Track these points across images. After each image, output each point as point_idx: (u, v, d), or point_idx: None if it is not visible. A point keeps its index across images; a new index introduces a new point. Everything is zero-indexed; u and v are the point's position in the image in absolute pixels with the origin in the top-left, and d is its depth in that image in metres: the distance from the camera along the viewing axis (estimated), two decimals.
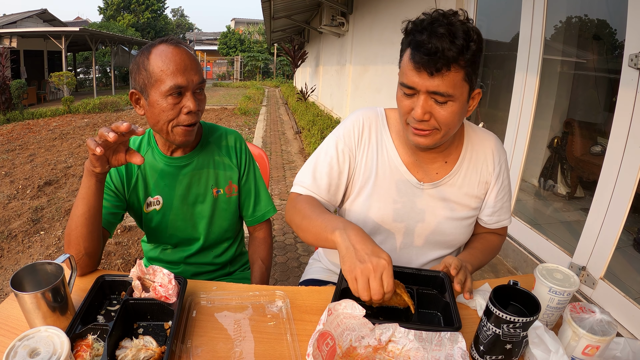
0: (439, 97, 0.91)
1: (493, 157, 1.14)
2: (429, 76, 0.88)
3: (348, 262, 0.80)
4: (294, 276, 2.71)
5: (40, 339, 0.64)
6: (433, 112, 0.94)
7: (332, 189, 1.12)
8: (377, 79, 6.05)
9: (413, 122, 0.97)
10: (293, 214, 1.07)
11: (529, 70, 2.74)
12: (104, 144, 0.86)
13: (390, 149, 1.11)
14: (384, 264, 0.77)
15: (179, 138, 1.10)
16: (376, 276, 0.77)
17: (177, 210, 1.24)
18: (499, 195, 1.16)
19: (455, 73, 0.88)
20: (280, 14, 10.79)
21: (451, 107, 0.92)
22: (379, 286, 0.77)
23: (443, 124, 0.95)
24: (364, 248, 0.80)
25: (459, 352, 0.77)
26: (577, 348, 0.76)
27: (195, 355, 0.78)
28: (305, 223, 0.99)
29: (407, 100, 0.96)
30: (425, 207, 1.12)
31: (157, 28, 33.76)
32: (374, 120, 1.14)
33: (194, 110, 1.07)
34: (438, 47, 0.85)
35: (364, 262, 0.78)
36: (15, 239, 3.22)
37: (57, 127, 8.70)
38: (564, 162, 3.42)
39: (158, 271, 0.88)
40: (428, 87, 0.90)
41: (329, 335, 0.73)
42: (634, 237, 2.62)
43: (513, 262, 2.79)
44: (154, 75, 1.03)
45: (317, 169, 1.13)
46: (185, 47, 1.08)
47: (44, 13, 18.17)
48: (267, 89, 20.46)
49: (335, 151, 1.12)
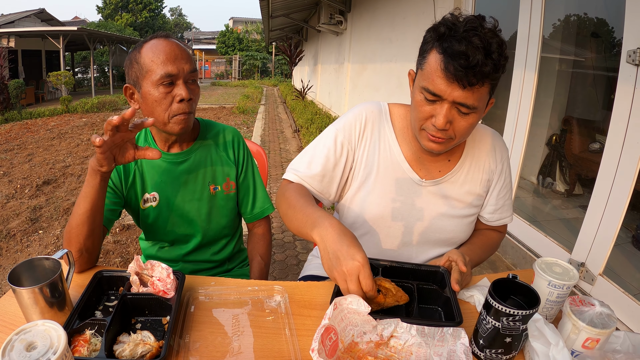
0: (464, 108, 0.88)
1: (495, 155, 1.14)
2: (460, 88, 0.85)
3: (326, 264, 0.79)
4: (293, 274, 2.71)
5: (37, 333, 0.64)
6: (453, 122, 0.92)
7: (326, 180, 1.10)
8: (375, 77, 6.05)
9: (431, 129, 0.94)
10: (281, 201, 1.05)
11: (527, 68, 2.74)
12: (112, 132, 0.86)
13: (393, 145, 1.10)
14: (358, 266, 0.75)
15: (177, 127, 1.10)
16: (352, 279, 0.75)
17: (173, 207, 1.23)
18: (501, 192, 1.16)
19: (485, 87, 0.87)
20: (278, 12, 10.77)
21: (472, 118, 0.91)
22: (357, 289, 0.75)
23: (459, 134, 0.94)
24: (339, 249, 0.77)
25: (461, 348, 0.77)
26: (577, 341, 0.75)
27: (193, 350, 0.78)
28: (290, 213, 0.97)
29: (427, 106, 0.93)
30: (426, 205, 1.11)
31: (155, 27, 33.74)
32: (377, 116, 1.12)
33: (186, 98, 1.07)
34: (478, 60, 0.81)
35: (339, 266, 0.76)
36: (13, 238, 3.21)
37: (55, 126, 8.68)
38: (563, 159, 3.42)
39: (156, 265, 0.87)
40: (456, 97, 0.87)
41: (332, 330, 0.73)
42: (633, 234, 2.62)
43: (512, 259, 2.79)
44: (145, 67, 1.05)
45: (313, 158, 1.11)
46: (176, 40, 1.09)
47: (42, 12, 18.13)
48: (265, 88, 20.45)
49: (334, 143, 1.10)
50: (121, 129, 0.88)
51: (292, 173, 1.11)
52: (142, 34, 31.01)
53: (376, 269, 0.98)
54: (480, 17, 0.87)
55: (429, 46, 0.91)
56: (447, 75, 0.85)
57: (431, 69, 0.89)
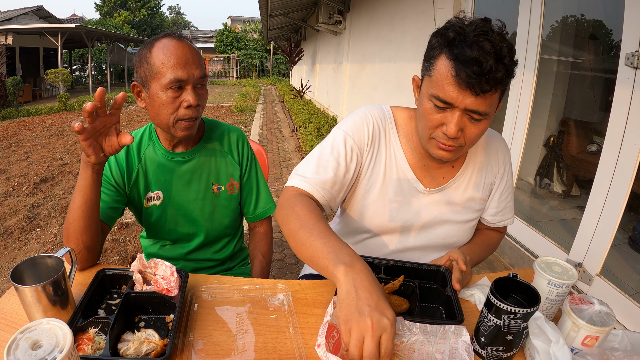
0: (477, 115, 0.86)
1: (498, 158, 1.13)
2: (473, 96, 0.83)
3: (345, 310, 0.66)
4: (292, 272, 2.71)
5: (43, 331, 0.63)
6: (464, 129, 0.89)
7: (336, 188, 1.02)
8: (374, 77, 6.05)
9: (442, 137, 0.91)
10: (289, 215, 0.91)
11: (526, 69, 2.75)
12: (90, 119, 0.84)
13: (399, 153, 1.07)
14: (387, 324, 0.63)
15: (180, 132, 1.10)
16: (374, 335, 0.62)
17: (177, 206, 1.23)
18: (503, 195, 1.16)
19: (497, 93, 0.85)
20: (277, 11, 10.76)
21: (483, 124, 0.89)
22: (374, 349, 0.62)
23: (470, 141, 0.92)
24: (368, 298, 0.66)
25: (463, 346, 0.78)
26: (576, 339, 0.76)
27: (197, 348, 0.78)
28: (303, 236, 0.83)
29: (437, 114, 0.90)
30: (430, 212, 1.10)
31: (153, 25, 33.65)
32: (382, 122, 1.07)
33: (194, 105, 1.06)
34: (491, 66, 0.79)
35: (362, 316, 0.64)
36: (11, 236, 3.20)
37: (53, 124, 8.64)
38: (560, 160, 3.44)
39: (160, 264, 0.88)
40: (468, 105, 0.84)
41: (334, 328, 0.73)
42: (630, 234, 2.64)
43: (510, 259, 2.80)
44: (155, 68, 1.03)
45: (322, 162, 1.02)
46: (188, 41, 1.08)
47: (40, 10, 18.03)
48: (263, 87, 20.42)
49: (344, 147, 1.02)
50: (100, 114, 0.86)
51: (300, 179, 1.00)
52: (140, 32, 30.94)
53: (378, 267, 0.98)
54: (488, 21, 0.85)
55: (436, 52, 0.87)
56: (459, 83, 0.82)
57: (441, 76, 0.85)
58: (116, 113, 0.88)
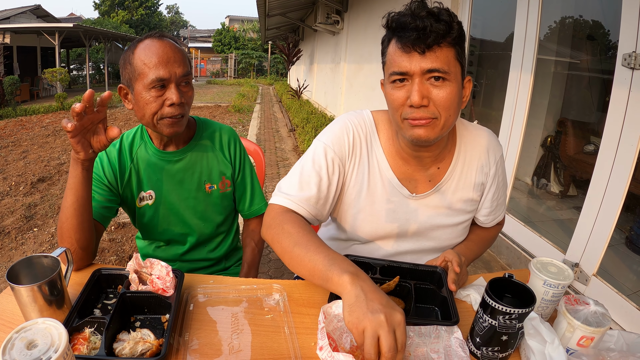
0: (436, 73, 0.86)
1: (488, 156, 1.09)
2: (420, 55, 0.85)
3: (357, 312, 0.69)
4: (288, 272, 2.71)
5: (38, 331, 0.63)
6: (431, 96, 0.88)
7: (321, 202, 1.02)
8: (371, 77, 6.06)
9: (410, 112, 0.89)
10: (279, 234, 0.93)
11: (523, 69, 2.76)
12: (78, 117, 0.84)
13: (381, 160, 1.05)
14: (400, 318, 0.68)
15: (166, 130, 1.10)
16: (389, 330, 0.65)
17: (169, 205, 1.24)
18: (495, 195, 1.13)
19: (446, 50, 0.86)
20: (275, 11, 10.76)
21: (449, 87, 0.87)
22: (393, 342, 0.65)
23: (443, 108, 0.88)
24: (380, 300, 0.70)
25: (456, 342, 0.78)
26: (572, 339, 0.77)
27: (193, 348, 0.78)
28: (300, 252, 0.86)
29: (399, 92, 0.90)
30: (419, 218, 1.08)
31: (151, 25, 33.59)
32: (362, 129, 1.05)
33: (177, 103, 1.06)
34: (426, 24, 0.82)
35: (375, 313, 0.67)
36: (8, 236, 3.19)
37: (50, 123, 8.61)
38: (557, 160, 3.45)
39: (155, 263, 0.88)
40: (422, 67, 0.85)
41: (330, 337, 0.73)
42: (627, 235, 2.65)
43: (507, 259, 2.81)
44: (138, 69, 1.04)
45: (304, 178, 1.01)
46: (170, 39, 1.08)
47: (38, 9, 18.00)
48: (261, 87, 20.39)
49: (325, 160, 1.02)
50: (88, 112, 0.86)
51: (284, 197, 1.00)
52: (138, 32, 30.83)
53: (374, 268, 0.98)
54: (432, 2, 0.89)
55: (385, 43, 0.95)
56: (404, 47, 0.86)
57: (390, 56, 0.91)
58: (102, 110, 0.89)
